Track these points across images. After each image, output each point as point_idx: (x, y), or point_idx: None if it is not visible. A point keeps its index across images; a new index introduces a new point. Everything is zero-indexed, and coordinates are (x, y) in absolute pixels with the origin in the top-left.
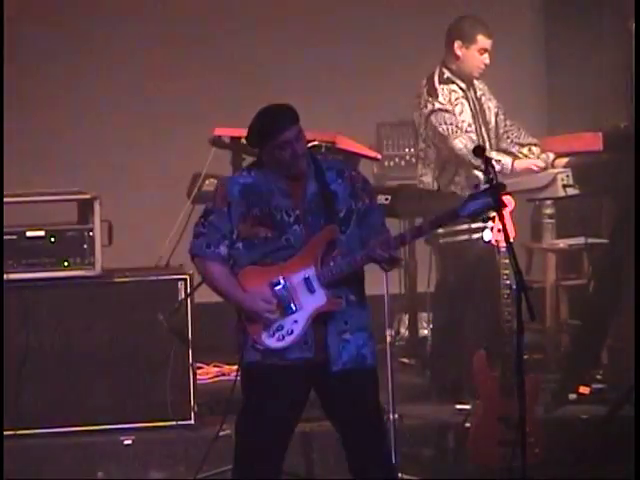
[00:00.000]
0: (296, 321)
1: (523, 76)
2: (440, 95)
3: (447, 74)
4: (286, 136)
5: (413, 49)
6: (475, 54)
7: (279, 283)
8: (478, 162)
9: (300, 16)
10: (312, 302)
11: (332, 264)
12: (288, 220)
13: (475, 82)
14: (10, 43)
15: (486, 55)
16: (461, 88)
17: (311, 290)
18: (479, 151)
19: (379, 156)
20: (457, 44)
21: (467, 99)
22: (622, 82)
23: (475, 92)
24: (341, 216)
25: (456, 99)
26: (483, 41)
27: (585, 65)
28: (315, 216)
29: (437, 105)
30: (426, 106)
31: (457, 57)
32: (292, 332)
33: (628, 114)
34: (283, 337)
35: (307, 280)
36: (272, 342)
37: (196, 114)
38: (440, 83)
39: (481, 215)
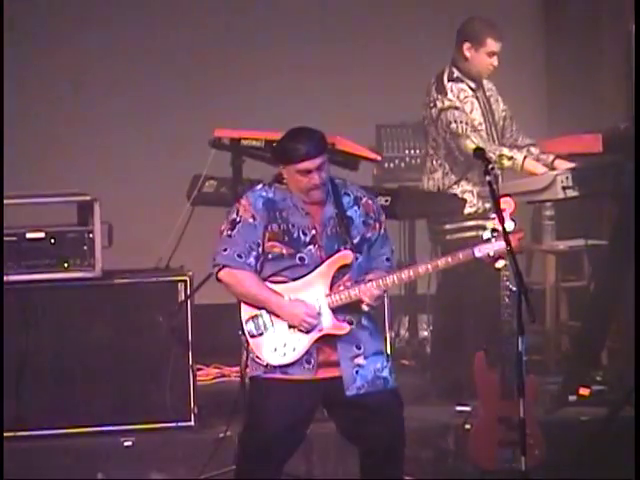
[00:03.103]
0: (300, 339)
1: (523, 77)
2: (449, 92)
3: (456, 73)
4: (308, 165)
5: (413, 50)
6: (484, 57)
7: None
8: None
9: (300, 16)
10: (319, 323)
11: (342, 289)
12: (304, 239)
13: (484, 82)
14: (11, 43)
15: (495, 58)
16: (470, 87)
17: (319, 312)
18: (479, 152)
19: (379, 158)
20: (466, 45)
21: (477, 98)
22: (622, 83)
23: (484, 92)
24: (355, 242)
25: (465, 97)
26: (492, 44)
27: (585, 66)
28: (330, 239)
29: (447, 103)
30: (435, 104)
31: (465, 58)
32: (294, 350)
33: (628, 115)
34: (285, 354)
35: (316, 301)
36: (274, 358)
37: (196, 115)
38: (449, 81)
39: (496, 257)
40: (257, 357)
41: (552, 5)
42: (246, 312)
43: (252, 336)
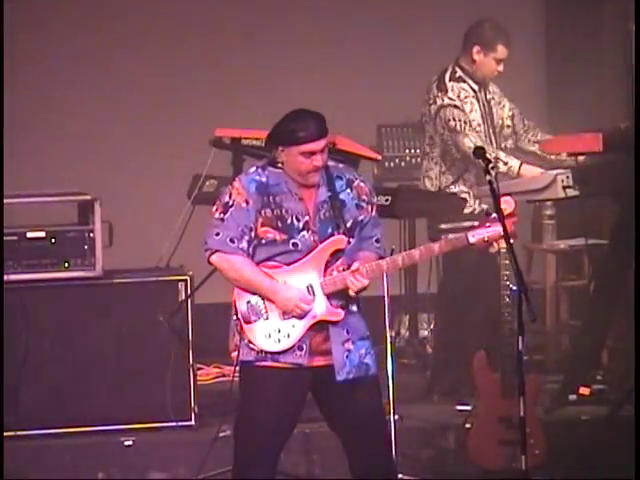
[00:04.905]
0: (294, 326)
1: (523, 77)
2: (449, 91)
3: (459, 73)
4: (313, 146)
5: (414, 50)
6: (491, 62)
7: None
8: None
9: (301, 17)
10: (312, 309)
11: (336, 274)
12: (297, 225)
13: (489, 85)
14: (11, 43)
15: (501, 64)
16: (472, 88)
17: (312, 297)
18: (479, 152)
19: (379, 157)
20: (476, 49)
21: (477, 99)
22: (622, 82)
23: (486, 95)
24: (348, 226)
25: (465, 97)
26: (502, 51)
27: (585, 65)
28: (324, 223)
29: (446, 100)
30: (435, 102)
31: (473, 61)
32: (289, 336)
33: (628, 114)
34: (279, 340)
35: (309, 287)
36: (268, 344)
37: (197, 115)
38: (451, 80)
39: (491, 242)
40: (250, 342)
41: (552, 5)
42: (240, 296)
43: (247, 322)
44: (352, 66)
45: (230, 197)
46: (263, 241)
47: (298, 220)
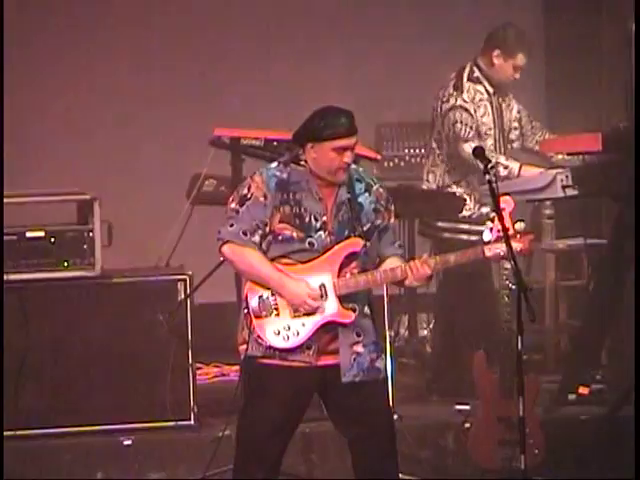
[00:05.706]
0: (304, 324)
1: (522, 77)
2: (465, 92)
3: (477, 73)
4: (346, 142)
5: (414, 50)
6: (510, 68)
7: None
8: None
9: (300, 17)
10: (323, 309)
11: (349, 277)
12: (315, 225)
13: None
14: (10, 43)
15: (519, 72)
16: (487, 91)
17: (324, 297)
18: (478, 152)
19: (379, 157)
20: (496, 52)
21: (491, 103)
22: (622, 82)
23: (499, 99)
24: (364, 229)
25: (480, 100)
26: (522, 60)
27: (585, 65)
28: (341, 225)
29: (459, 102)
30: (448, 100)
31: (492, 64)
32: (298, 334)
33: (628, 114)
34: (288, 337)
35: (322, 286)
36: (276, 341)
37: (196, 114)
38: (468, 80)
39: (506, 257)
40: (259, 338)
41: (551, 5)
42: (252, 291)
43: (257, 317)
44: (352, 65)
45: (249, 190)
46: (279, 237)
47: (316, 220)
